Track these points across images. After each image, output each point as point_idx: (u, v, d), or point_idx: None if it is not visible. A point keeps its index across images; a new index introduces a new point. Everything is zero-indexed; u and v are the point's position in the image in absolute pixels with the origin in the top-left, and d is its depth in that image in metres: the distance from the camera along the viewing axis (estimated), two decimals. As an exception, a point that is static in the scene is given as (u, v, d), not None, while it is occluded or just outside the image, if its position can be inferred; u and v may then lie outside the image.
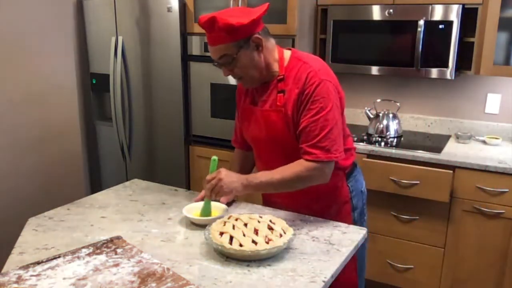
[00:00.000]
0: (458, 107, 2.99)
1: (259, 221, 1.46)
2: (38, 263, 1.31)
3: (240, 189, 1.57)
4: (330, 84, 1.58)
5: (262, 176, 1.59)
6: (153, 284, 1.21)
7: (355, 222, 1.76)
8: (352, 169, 1.79)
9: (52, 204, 1.83)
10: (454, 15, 2.53)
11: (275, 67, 1.65)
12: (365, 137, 2.88)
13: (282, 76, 1.63)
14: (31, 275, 1.25)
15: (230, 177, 1.57)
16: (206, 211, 1.63)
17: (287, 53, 1.68)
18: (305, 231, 1.57)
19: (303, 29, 2.83)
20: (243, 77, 1.64)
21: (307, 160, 1.56)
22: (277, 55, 1.65)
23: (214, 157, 1.65)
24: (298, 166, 1.57)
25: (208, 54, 2.96)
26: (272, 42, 1.65)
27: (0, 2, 2.44)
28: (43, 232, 1.55)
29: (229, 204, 1.74)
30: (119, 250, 1.39)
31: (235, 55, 1.55)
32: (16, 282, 1.21)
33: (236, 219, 1.48)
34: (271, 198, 1.82)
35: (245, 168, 1.92)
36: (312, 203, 1.73)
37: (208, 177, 1.60)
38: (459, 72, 2.73)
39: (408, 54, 2.67)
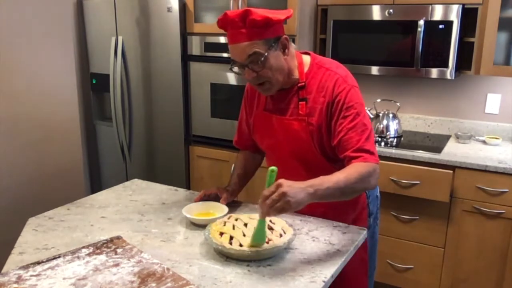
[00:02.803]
0: (458, 107, 2.99)
1: (259, 221, 1.46)
2: (38, 263, 1.31)
3: (307, 199, 1.32)
4: (358, 90, 1.56)
5: (326, 181, 1.37)
6: (153, 284, 1.21)
7: (369, 227, 1.73)
8: None
9: (52, 204, 1.83)
10: (454, 15, 2.53)
11: (295, 73, 1.59)
12: (365, 137, 2.88)
13: (303, 84, 1.58)
14: (31, 275, 1.25)
15: (294, 188, 1.29)
16: (260, 235, 1.35)
17: (306, 58, 1.62)
18: (305, 231, 1.56)
19: (303, 29, 2.83)
20: (268, 81, 1.52)
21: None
22: (297, 61, 1.60)
23: (273, 168, 1.33)
24: (357, 167, 1.44)
25: (208, 54, 2.99)
26: (293, 46, 1.60)
27: (0, 2, 2.44)
28: (43, 232, 1.55)
29: (229, 204, 1.73)
30: (119, 250, 1.39)
31: (266, 53, 1.46)
32: (16, 282, 1.21)
33: (236, 219, 1.48)
34: None
35: (248, 169, 1.86)
36: (330, 211, 1.67)
37: (266, 192, 1.29)
38: (459, 72, 2.73)
39: (408, 54, 2.67)
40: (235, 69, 1.55)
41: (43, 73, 2.68)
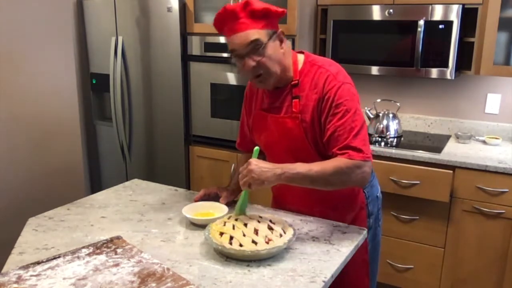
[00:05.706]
0: (458, 107, 2.99)
1: (259, 221, 1.46)
2: (38, 263, 1.31)
3: (273, 179, 1.44)
4: (350, 86, 1.55)
5: (299, 166, 1.46)
6: (153, 284, 1.21)
7: (370, 228, 1.73)
8: None
9: (52, 204, 1.83)
10: (454, 15, 2.53)
11: (290, 71, 1.60)
12: (365, 137, 2.88)
13: (296, 82, 1.59)
14: (31, 275, 1.25)
15: (260, 167, 1.44)
16: (243, 204, 1.54)
17: (300, 57, 1.64)
18: (305, 231, 1.57)
19: (303, 29, 2.83)
20: (265, 72, 1.53)
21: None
22: (291, 60, 1.61)
23: (256, 147, 1.53)
24: (337, 161, 1.48)
25: (208, 54, 2.99)
26: (288, 44, 1.61)
27: (0, 2, 2.44)
28: (43, 232, 1.55)
29: (229, 204, 1.73)
30: (119, 250, 1.39)
31: (266, 42, 1.49)
32: (16, 282, 1.21)
33: (236, 219, 1.48)
34: (286, 205, 1.77)
35: None
36: (328, 211, 1.68)
37: (241, 168, 1.49)
38: (459, 72, 2.73)
39: (408, 54, 2.67)
40: (234, 60, 1.55)
41: (43, 73, 2.68)
